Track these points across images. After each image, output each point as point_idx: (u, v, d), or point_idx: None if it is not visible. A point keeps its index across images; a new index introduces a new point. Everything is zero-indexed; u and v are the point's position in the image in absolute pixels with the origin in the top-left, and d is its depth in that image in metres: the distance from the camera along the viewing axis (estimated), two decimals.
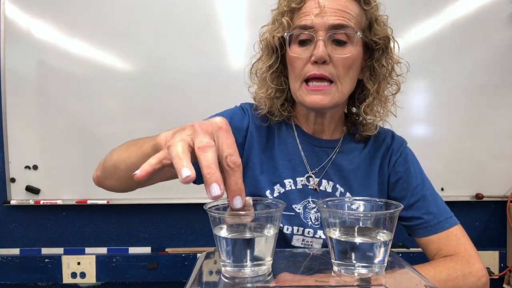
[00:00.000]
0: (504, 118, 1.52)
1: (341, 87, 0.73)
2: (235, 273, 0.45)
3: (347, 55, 0.71)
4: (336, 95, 0.73)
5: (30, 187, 1.46)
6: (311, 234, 0.78)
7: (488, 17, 1.48)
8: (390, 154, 0.83)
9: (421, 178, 0.82)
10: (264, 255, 0.46)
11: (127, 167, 0.61)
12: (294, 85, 0.75)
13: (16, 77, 1.44)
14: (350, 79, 0.74)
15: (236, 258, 0.45)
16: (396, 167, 0.82)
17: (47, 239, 1.53)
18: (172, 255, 1.50)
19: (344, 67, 0.72)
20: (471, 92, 1.51)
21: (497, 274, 1.52)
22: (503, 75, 1.50)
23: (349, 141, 0.84)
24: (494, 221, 1.59)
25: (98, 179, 0.72)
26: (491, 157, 1.53)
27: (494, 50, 1.50)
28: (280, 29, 0.75)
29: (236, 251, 0.45)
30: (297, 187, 0.79)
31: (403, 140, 0.88)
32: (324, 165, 0.81)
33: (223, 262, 0.46)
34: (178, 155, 0.40)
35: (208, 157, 0.40)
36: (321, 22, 0.69)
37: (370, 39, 0.75)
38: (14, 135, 1.46)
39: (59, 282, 1.49)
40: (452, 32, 1.49)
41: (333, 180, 0.80)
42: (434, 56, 1.49)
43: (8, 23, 1.43)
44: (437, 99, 1.53)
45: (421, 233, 0.79)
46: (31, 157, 1.46)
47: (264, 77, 0.80)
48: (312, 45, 0.71)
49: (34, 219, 1.53)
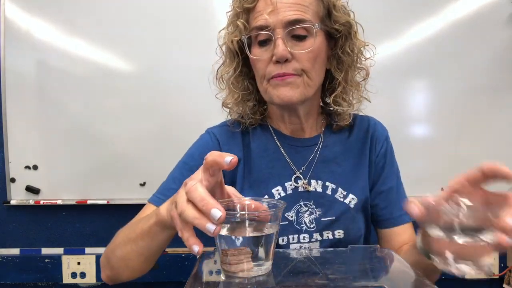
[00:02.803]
0: (504, 118, 1.52)
1: (308, 81, 0.71)
2: (235, 273, 0.45)
3: (309, 49, 0.68)
4: (304, 89, 0.70)
5: (30, 187, 1.46)
6: (307, 239, 0.76)
7: (488, 17, 1.48)
8: (375, 143, 0.82)
9: (391, 171, 0.83)
10: (264, 255, 0.46)
11: (139, 254, 0.63)
12: (261, 86, 0.74)
13: (16, 77, 1.44)
14: (317, 72, 0.72)
15: (236, 257, 0.45)
16: (378, 158, 0.82)
17: (47, 239, 1.53)
18: (172, 255, 1.50)
19: (308, 61, 0.69)
20: (471, 92, 1.51)
21: (497, 274, 1.52)
22: (503, 75, 1.50)
23: (330, 133, 0.83)
24: None
25: (110, 278, 0.71)
26: (490, 158, 1.52)
27: (494, 50, 1.49)
28: (237, 32, 0.73)
29: (236, 251, 0.45)
30: (287, 192, 0.77)
31: (386, 130, 0.86)
32: (310, 163, 0.79)
33: (223, 261, 0.46)
34: (195, 216, 0.42)
35: (196, 193, 0.42)
36: (276, 20, 0.67)
37: (331, 27, 0.72)
38: (14, 135, 1.46)
39: (59, 282, 1.49)
40: (452, 32, 1.48)
41: (322, 178, 0.78)
42: (433, 56, 1.48)
43: (8, 23, 1.43)
44: (437, 99, 1.53)
45: (385, 224, 0.80)
46: (31, 157, 1.46)
47: (231, 82, 0.78)
48: (272, 44, 0.68)
49: (34, 219, 1.53)
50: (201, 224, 0.41)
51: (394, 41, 1.45)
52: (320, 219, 0.76)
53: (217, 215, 0.40)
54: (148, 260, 0.65)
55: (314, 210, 0.76)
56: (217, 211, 0.40)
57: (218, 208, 0.41)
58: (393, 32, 1.45)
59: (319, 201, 0.77)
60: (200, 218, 0.41)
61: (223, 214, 0.40)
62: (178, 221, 0.45)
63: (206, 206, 0.41)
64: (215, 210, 0.40)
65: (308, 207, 0.77)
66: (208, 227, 0.41)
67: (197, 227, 0.42)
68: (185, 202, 0.44)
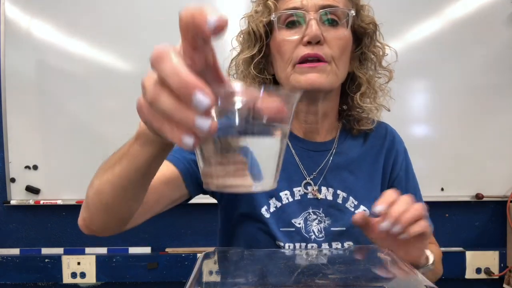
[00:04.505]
0: (504, 118, 1.52)
1: (336, 70, 0.68)
2: (223, 188, 0.34)
3: (341, 35, 0.67)
4: (332, 77, 0.67)
5: (30, 187, 1.46)
6: (322, 266, 0.73)
7: (488, 17, 1.48)
8: (394, 154, 0.78)
9: (414, 186, 0.81)
10: (265, 168, 0.35)
11: (114, 184, 0.48)
12: (285, 72, 0.69)
13: (16, 77, 1.44)
14: (344, 63, 0.70)
15: (224, 168, 0.34)
16: (399, 169, 0.79)
17: (47, 239, 1.53)
18: (172, 255, 1.50)
19: (339, 48, 0.67)
20: (471, 92, 1.51)
21: (497, 274, 1.52)
22: (503, 75, 1.50)
23: (344, 138, 0.79)
24: (494, 221, 1.59)
25: (85, 222, 0.57)
26: (491, 157, 1.52)
27: (494, 50, 1.50)
28: (266, 14, 0.70)
29: (228, 156, 0.34)
30: (295, 198, 0.73)
31: (402, 141, 0.84)
32: (322, 169, 0.75)
33: (206, 174, 0.35)
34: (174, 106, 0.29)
35: (167, 64, 0.29)
36: (310, 3, 0.66)
37: (359, 25, 0.71)
38: (14, 135, 1.46)
39: (59, 282, 1.49)
40: (452, 32, 1.48)
41: (333, 185, 0.74)
42: (434, 56, 1.48)
43: (8, 23, 1.43)
44: (437, 99, 1.53)
45: None
46: (31, 157, 1.46)
47: (247, 71, 0.74)
48: (302, 27, 0.67)
49: (34, 219, 1.53)
50: (186, 119, 0.28)
51: (394, 41, 1.45)
52: (329, 228, 0.73)
53: (203, 102, 0.27)
54: (125, 194, 0.49)
55: (323, 218, 0.73)
56: (201, 96, 0.27)
57: (201, 89, 0.27)
58: (393, 32, 1.45)
59: (329, 209, 0.73)
60: (182, 109, 0.28)
61: (210, 99, 0.27)
62: (148, 113, 0.31)
63: (184, 86, 0.27)
64: (200, 94, 0.27)
65: (317, 215, 0.73)
66: (199, 123, 0.28)
67: (180, 123, 0.29)
68: (157, 86, 0.30)
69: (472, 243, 1.58)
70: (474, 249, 1.54)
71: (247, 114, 0.32)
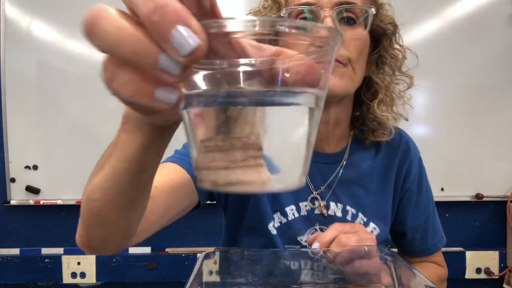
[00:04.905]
0: (504, 118, 1.52)
1: (352, 74, 0.61)
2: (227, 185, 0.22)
3: (358, 36, 0.60)
4: (347, 81, 0.61)
5: (30, 187, 1.46)
6: (321, 267, 0.72)
7: (488, 17, 1.48)
8: (408, 165, 0.73)
9: (427, 199, 0.75)
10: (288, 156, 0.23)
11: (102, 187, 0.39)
12: None
13: (16, 77, 1.44)
14: (360, 67, 0.63)
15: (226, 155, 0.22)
16: (411, 182, 0.73)
17: (47, 239, 1.53)
18: (172, 255, 1.50)
19: (356, 49, 0.61)
20: (471, 92, 1.51)
21: (497, 274, 1.52)
22: (503, 75, 1.50)
23: (356, 149, 0.72)
24: (494, 221, 1.59)
25: (82, 239, 0.47)
26: (491, 157, 1.52)
27: (494, 50, 1.49)
28: (275, 9, 0.63)
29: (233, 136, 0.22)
30: (301, 213, 0.68)
31: (417, 149, 0.77)
32: (331, 182, 0.70)
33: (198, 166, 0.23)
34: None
35: None
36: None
37: (377, 25, 0.65)
38: (14, 135, 1.45)
39: (59, 282, 1.49)
40: (452, 32, 1.48)
41: (342, 201, 0.69)
42: (433, 56, 1.48)
43: (8, 23, 1.43)
44: (437, 99, 1.53)
45: (418, 254, 0.76)
46: (31, 157, 1.46)
47: None
48: None
49: (34, 219, 1.52)
50: (165, 67, 0.19)
51: None
52: None
53: (187, 41, 0.18)
54: (118, 200, 0.39)
55: None
56: (185, 31, 0.18)
57: (185, 20, 0.18)
58: None
59: None
60: (152, 51, 0.19)
61: (201, 39, 0.18)
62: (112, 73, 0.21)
63: (160, 13, 0.18)
64: (183, 28, 0.18)
65: None
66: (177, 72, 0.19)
67: (148, 70, 0.20)
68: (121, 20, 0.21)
69: (472, 243, 1.58)
70: (474, 249, 1.54)
71: (263, 71, 0.21)
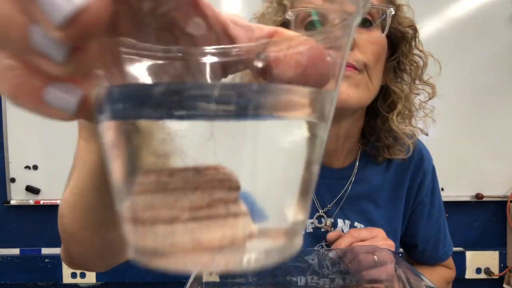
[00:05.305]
0: (504, 118, 1.52)
1: (368, 82, 0.56)
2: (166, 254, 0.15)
3: (375, 39, 0.55)
4: (363, 91, 0.55)
5: (30, 187, 1.46)
6: (328, 284, 0.71)
7: (488, 17, 1.48)
8: (421, 177, 0.69)
9: (439, 209, 0.74)
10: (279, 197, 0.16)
11: (71, 205, 0.34)
12: None
13: None
14: (378, 74, 0.58)
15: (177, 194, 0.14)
16: (424, 195, 0.70)
17: (47, 239, 1.53)
18: None
19: (372, 54, 0.55)
20: (471, 92, 1.51)
21: (497, 274, 1.52)
22: (503, 75, 1.50)
23: (366, 162, 0.68)
24: (494, 221, 1.59)
25: (64, 254, 0.45)
26: (491, 157, 1.52)
27: (494, 50, 1.49)
28: (280, 13, 0.57)
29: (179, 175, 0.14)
30: (307, 231, 0.66)
31: (431, 157, 0.73)
32: (339, 199, 0.66)
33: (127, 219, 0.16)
34: None
35: None
36: None
37: (395, 28, 0.60)
38: (14, 135, 1.45)
39: (59, 282, 1.49)
40: (452, 32, 1.48)
41: (350, 217, 0.66)
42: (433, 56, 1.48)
43: None
44: (437, 99, 1.53)
45: (427, 262, 0.75)
46: (31, 157, 1.46)
47: None
48: None
49: (34, 219, 1.52)
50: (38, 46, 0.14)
51: None
52: None
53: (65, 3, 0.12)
54: (87, 218, 0.33)
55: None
56: None
57: None
58: None
59: None
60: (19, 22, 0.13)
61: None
62: None
63: None
64: None
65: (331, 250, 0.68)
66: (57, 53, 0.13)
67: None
68: None
69: (472, 243, 1.58)
70: (474, 249, 1.54)
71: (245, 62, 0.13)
